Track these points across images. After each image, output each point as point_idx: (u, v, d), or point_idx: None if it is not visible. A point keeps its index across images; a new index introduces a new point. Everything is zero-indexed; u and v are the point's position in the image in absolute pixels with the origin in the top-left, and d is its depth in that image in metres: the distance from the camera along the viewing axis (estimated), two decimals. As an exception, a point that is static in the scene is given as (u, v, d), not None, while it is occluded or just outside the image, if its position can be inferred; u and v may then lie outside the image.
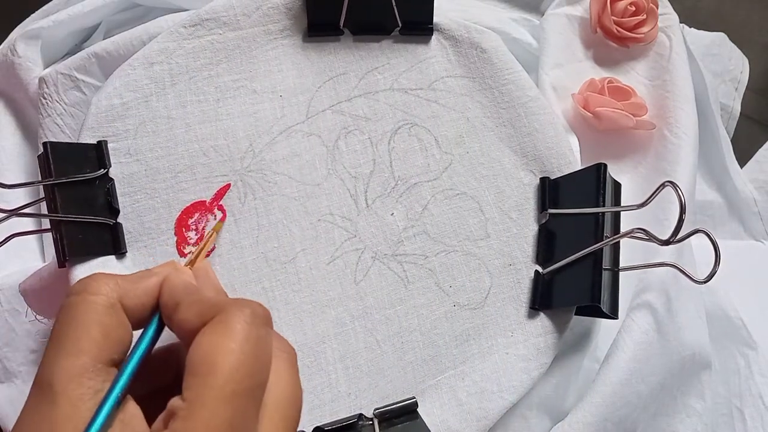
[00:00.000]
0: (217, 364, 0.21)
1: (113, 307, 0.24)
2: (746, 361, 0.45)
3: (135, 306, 0.25)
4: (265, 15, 0.42)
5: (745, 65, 0.59)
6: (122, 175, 0.38)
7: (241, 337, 0.22)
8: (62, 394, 0.21)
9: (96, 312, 0.23)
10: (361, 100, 0.42)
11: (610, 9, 0.50)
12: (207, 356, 0.21)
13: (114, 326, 0.24)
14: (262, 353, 0.22)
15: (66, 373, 0.22)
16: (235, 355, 0.21)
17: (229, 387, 0.21)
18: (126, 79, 0.39)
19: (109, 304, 0.24)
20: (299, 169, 0.40)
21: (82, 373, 0.22)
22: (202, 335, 0.22)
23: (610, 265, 0.37)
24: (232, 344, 0.21)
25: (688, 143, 0.45)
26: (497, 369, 0.38)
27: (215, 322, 0.22)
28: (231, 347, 0.21)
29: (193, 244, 0.38)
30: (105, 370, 0.23)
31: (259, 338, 0.22)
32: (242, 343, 0.22)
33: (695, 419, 0.42)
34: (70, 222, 0.35)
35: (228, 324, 0.22)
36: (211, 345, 0.22)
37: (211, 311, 0.23)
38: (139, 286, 0.25)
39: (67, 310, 0.24)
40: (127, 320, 0.24)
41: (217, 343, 0.22)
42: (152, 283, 0.26)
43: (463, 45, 0.43)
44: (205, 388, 0.21)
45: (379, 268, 0.39)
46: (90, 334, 0.23)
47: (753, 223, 0.53)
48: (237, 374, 0.21)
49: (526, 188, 0.41)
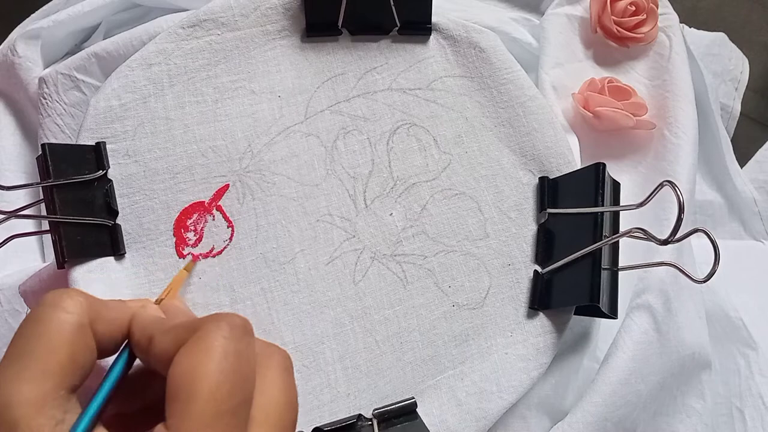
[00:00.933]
0: (195, 387, 0.20)
1: (83, 328, 0.23)
2: (746, 361, 0.45)
3: (104, 332, 0.24)
4: (263, 15, 0.42)
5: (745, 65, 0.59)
6: (121, 177, 0.38)
7: (219, 355, 0.21)
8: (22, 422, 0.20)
9: (66, 331, 0.22)
10: (359, 100, 0.42)
11: (610, 9, 0.49)
12: (185, 379, 0.20)
13: (81, 349, 0.22)
14: (243, 367, 0.21)
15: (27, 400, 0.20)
16: (213, 375, 0.20)
17: (210, 410, 0.20)
18: (124, 81, 0.39)
19: (79, 324, 0.22)
20: (298, 169, 0.40)
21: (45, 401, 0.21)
22: (179, 357, 0.21)
23: (609, 265, 0.37)
24: (210, 363, 0.21)
25: (687, 143, 0.45)
26: (496, 369, 0.38)
27: (191, 342, 0.21)
28: (209, 367, 0.20)
29: (192, 245, 0.38)
30: (66, 398, 0.21)
31: (238, 352, 0.21)
32: (220, 361, 0.21)
33: (695, 419, 0.42)
34: (69, 223, 0.35)
35: (204, 342, 0.21)
36: (189, 366, 0.21)
37: (186, 333, 0.22)
38: (112, 313, 0.24)
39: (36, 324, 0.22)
40: (94, 345, 0.23)
41: (195, 365, 0.21)
42: (125, 312, 0.25)
43: (461, 44, 0.43)
44: (187, 414, 0.20)
45: (378, 268, 0.39)
46: (57, 356, 0.21)
47: (753, 223, 0.53)
48: (218, 395, 0.20)
49: (525, 188, 0.41)
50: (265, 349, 0.24)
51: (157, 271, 0.38)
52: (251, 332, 0.23)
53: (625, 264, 0.38)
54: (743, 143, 0.57)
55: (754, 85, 0.60)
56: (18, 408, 0.20)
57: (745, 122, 0.58)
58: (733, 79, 0.59)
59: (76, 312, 0.22)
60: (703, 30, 0.58)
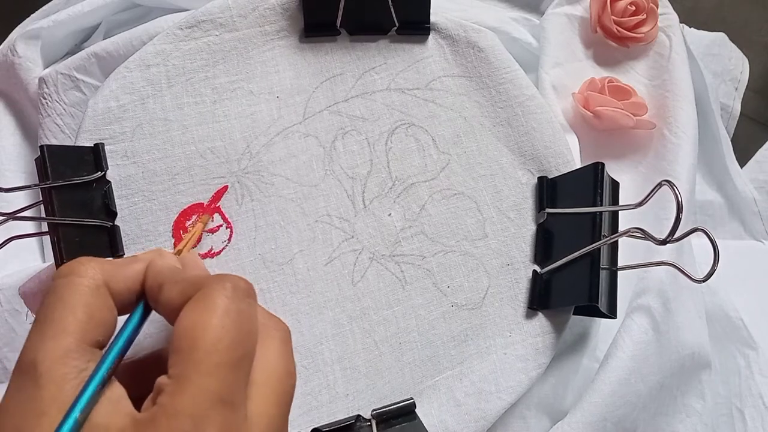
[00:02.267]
0: (198, 339, 0.21)
1: (98, 289, 0.24)
2: (746, 361, 0.45)
3: (121, 290, 0.25)
4: (262, 16, 0.42)
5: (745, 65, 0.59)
6: (119, 178, 0.38)
7: (221, 311, 0.22)
8: (46, 374, 0.21)
9: (81, 293, 0.23)
10: (358, 100, 0.42)
11: (610, 9, 0.49)
12: (189, 332, 0.22)
13: (99, 308, 0.24)
14: (244, 325, 0.23)
15: (50, 354, 0.22)
16: (215, 328, 0.22)
17: (212, 360, 0.21)
18: (122, 82, 0.39)
19: (94, 286, 0.24)
20: (296, 170, 0.40)
21: (67, 353, 0.22)
22: (183, 312, 0.22)
23: (608, 265, 0.37)
24: (213, 319, 0.22)
25: (687, 143, 0.45)
26: (495, 369, 0.38)
27: (196, 299, 0.23)
28: (211, 321, 0.22)
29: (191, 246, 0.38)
30: (89, 350, 0.23)
31: (240, 311, 0.23)
32: (222, 317, 0.22)
33: (695, 419, 0.42)
34: (68, 225, 0.35)
35: (207, 299, 0.22)
36: (192, 321, 0.22)
37: (192, 288, 0.23)
38: (125, 270, 0.25)
39: (53, 293, 0.24)
40: (113, 303, 0.25)
41: (198, 319, 0.22)
42: (138, 267, 0.26)
43: (460, 44, 0.43)
44: (189, 363, 0.21)
45: (376, 268, 0.39)
46: (75, 315, 0.23)
47: (753, 223, 0.53)
48: (219, 347, 0.21)
49: (523, 187, 0.41)
50: (268, 319, 0.26)
51: (155, 272, 0.38)
52: (254, 295, 0.24)
53: (625, 264, 0.38)
54: (743, 143, 0.57)
55: (754, 85, 0.60)
56: (42, 363, 0.21)
57: (745, 122, 0.58)
58: (733, 79, 0.58)
59: (89, 275, 0.24)
60: (703, 30, 0.58)
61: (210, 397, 0.21)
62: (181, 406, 0.21)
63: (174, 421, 0.20)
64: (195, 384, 0.21)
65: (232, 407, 0.21)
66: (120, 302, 0.25)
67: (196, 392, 0.21)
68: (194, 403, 0.21)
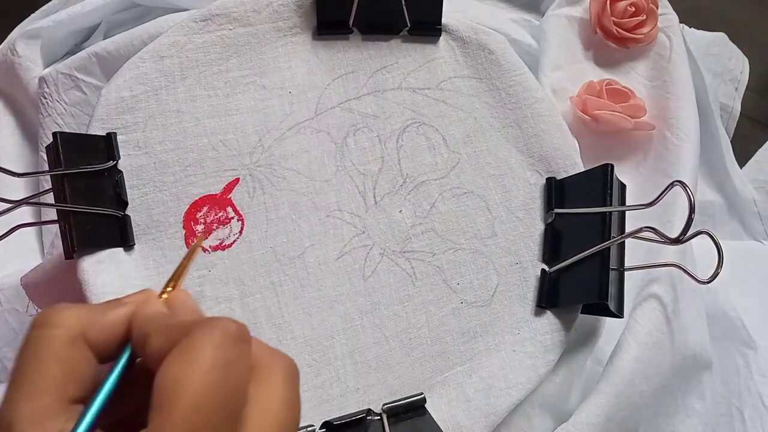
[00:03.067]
0: (178, 398, 0.19)
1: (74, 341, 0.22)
2: (746, 361, 0.46)
3: (100, 339, 0.23)
4: (276, 12, 0.42)
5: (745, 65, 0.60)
6: (131, 168, 0.38)
7: (207, 365, 0.20)
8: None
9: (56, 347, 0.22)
10: (369, 98, 0.42)
11: (609, 10, 0.50)
12: (168, 388, 0.19)
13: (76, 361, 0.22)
14: (231, 380, 0.20)
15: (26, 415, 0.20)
16: (197, 387, 0.19)
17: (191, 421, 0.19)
18: (136, 72, 0.39)
19: (69, 338, 0.22)
20: (308, 165, 0.40)
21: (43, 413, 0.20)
22: (165, 363, 0.20)
23: (616, 265, 0.37)
24: (195, 375, 0.19)
25: (689, 144, 0.46)
26: (504, 366, 0.38)
27: (179, 349, 0.20)
28: (193, 379, 0.19)
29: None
30: (68, 408, 0.21)
31: (228, 362, 0.20)
32: (207, 372, 0.20)
33: (695, 419, 0.42)
34: (79, 213, 0.35)
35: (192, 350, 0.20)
36: (173, 375, 0.20)
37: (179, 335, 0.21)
38: (106, 317, 0.23)
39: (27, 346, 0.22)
40: (91, 354, 0.23)
41: (179, 374, 0.20)
42: (120, 314, 0.24)
43: (470, 46, 0.43)
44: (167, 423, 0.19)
45: (387, 264, 0.39)
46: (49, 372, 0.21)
47: (753, 223, 0.54)
48: (201, 408, 0.19)
49: (532, 188, 0.42)
50: (270, 356, 0.23)
51: (166, 263, 0.37)
52: (247, 339, 0.22)
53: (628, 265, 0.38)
54: (743, 143, 0.58)
55: (754, 85, 0.60)
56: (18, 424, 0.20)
57: (745, 122, 0.59)
58: (733, 79, 0.59)
59: (64, 326, 0.22)
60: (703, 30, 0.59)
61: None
62: None
63: None
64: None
65: None
66: (99, 352, 0.23)
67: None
68: None
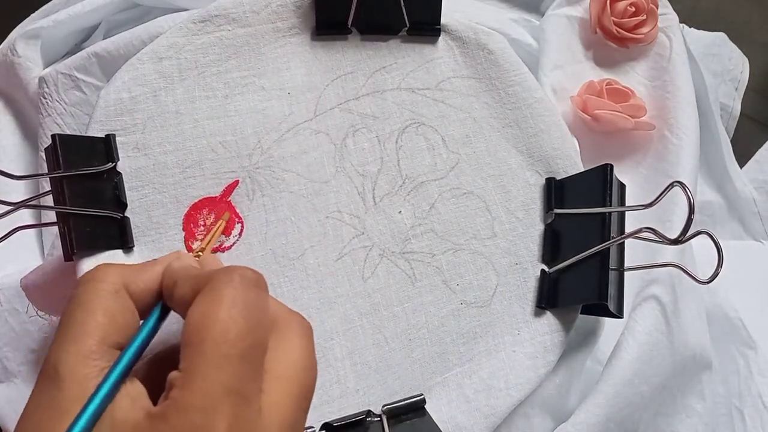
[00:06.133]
0: (206, 331, 0.21)
1: (118, 293, 0.25)
2: (746, 361, 0.46)
3: (140, 292, 0.25)
4: (274, 12, 0.42)
5: (745, 65, 0.60)
6: (130, 169, 0.38)
7: (228, 302, 0.22)
8: (69, 376, 0.22)
9: (101, 297, 0.24)
10: (368, 98, 0.42)
11: (609, 9, 0.50)
12: (197, 325, 0.22)
13: (119, 311, 0.24)
14: (252, 315, 0.23)
15: (72, 356, 0.22)
16: (222, 320, 0.22)
17: (220, 351, 0.21)
18: (134, 73, 0.39)
19: (114, 290, 0.24)
20: (307, 166, 0.40)
21: (88, 354, 0.22)
22: (192, 306, 0.23)
23: (616, 265, 0.37)
24: (219, 310, 0.22)
25: (689, 144, 0.46)
26: (504, 366, 0.38)
27: (203, 292, 0.23)
28: (218, 313, 0.22)
29: (201, 239, 0.38)
30: (110, 352, 0.23)
31: (247, 301, 0.23)
32: (229, 308, 0.22)
33: (695, 419, 0.42)
34: (78, 215, 0.35)
35: (214, 291, 0.23)
36: (200, 314, 0.22)
37: (202, 282, 0.23)
38: (144, 273, 0.26)
39: (74, 299, 0.24)
40: (133, 305, 0.25)
41: (205, 311, 0.22)
42: (157, 270, 0.26)
43: (470, 46, 0.43)
44: (198, 356, 0.21)
45: (386, 265, 0.39)
46: (95, 318, 0.23)
47: (753, 223, 0.54)
48: (227, 338, 0.21)
49: (532, 188, 0.42)
50: (288, 313, 0.26)
51: (165, 265, 0.37)
52: (263, 285, 0.25)
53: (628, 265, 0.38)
54: (743, 143, 0.58)
55: (754, 85, 0.60)
56: (64, 365, 0.22)
57: (745, 122, 0.59)
58: (733, 79, 0.59)
59: (109, 280, 0.25)
60: (703, 30, 0.59)
61: (220, 389, 0.21)
62: (190, 399, 0.21)
63: (184, 416, 0.20)
64: (204, 377, 0.21)
65: (244, 399, 0.21)
66: (140, 304, 0.25)
67: (205, 385, 0.21)
68: (204, 397, 0.20)
